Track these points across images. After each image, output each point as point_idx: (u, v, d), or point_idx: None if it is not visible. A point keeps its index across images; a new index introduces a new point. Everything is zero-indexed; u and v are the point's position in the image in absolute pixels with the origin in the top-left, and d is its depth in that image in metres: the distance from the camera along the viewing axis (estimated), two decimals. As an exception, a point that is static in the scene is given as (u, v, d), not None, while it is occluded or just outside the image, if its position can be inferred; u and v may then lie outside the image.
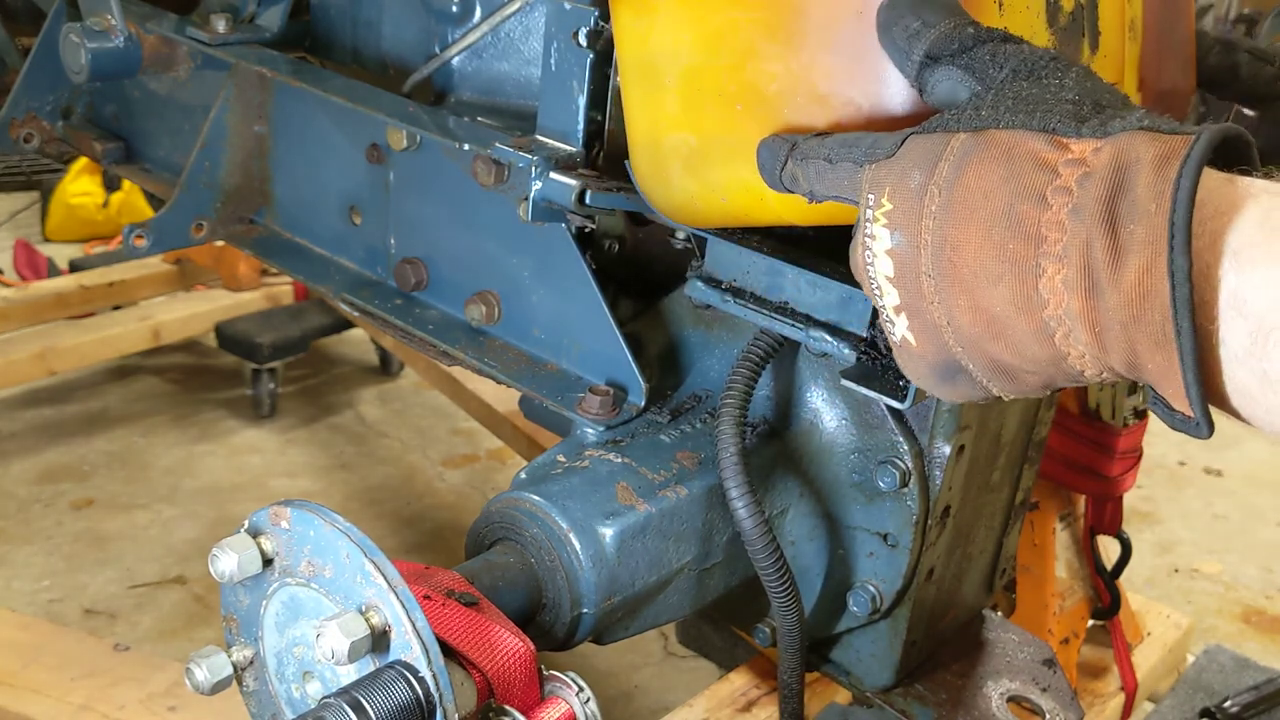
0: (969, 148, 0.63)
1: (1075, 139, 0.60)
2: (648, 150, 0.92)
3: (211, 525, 2.64)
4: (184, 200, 1.32)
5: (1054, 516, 1.57)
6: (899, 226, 0.65)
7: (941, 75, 0.69)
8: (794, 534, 1.06)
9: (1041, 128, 0.61)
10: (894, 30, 0.72)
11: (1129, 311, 0.55)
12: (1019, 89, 0.64)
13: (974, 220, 0.61)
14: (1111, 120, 0.59)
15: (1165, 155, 0.55)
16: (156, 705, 1.47)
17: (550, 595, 0.89)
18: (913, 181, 0.65)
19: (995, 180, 0.61)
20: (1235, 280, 0.53)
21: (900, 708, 1.16)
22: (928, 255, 0.64)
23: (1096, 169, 0.57)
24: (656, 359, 1.09)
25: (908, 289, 0.66)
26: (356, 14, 1.33)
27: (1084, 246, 0.57)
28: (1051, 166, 0.59)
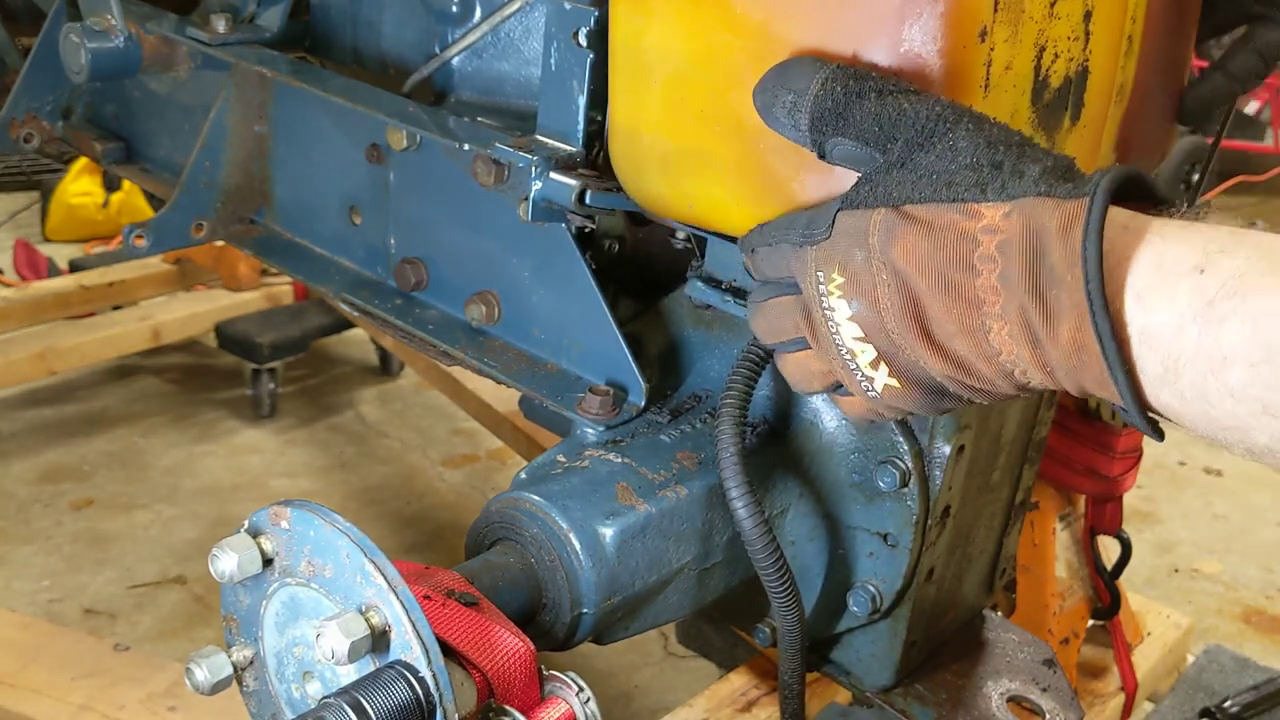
0: (892, 223, 0.68)
1: (984, 204, 0.64)
2: (625, 139, 0.92)
3: (211, 525, 2.64)
4: (184, 200, 1.32)
5: (1054, 516, 1.57)
6: (855, 296, 0.70)
7: (833, 144, 0.72)
8: (794, 534, 1.06)
9: (951, 199, 0.65)
10: (775, 110, 0.75)
11: (1070, 362, 0.62)
12: (918, 162, 0.68)
13: (918, 288, 0.67)
14: (1012, 181, 0.64)
15: (1067, 223, 0.61)
16: (156, 705, 1.47)
17: (550, 595, 0.89)
18: (855, 256, 0.70)
19: (925, 253, 0.66)
20: (1142, 320, 0.60)
21: (900, 708, 1.16)
22: (890, 316, 0.69)
23: (1011, 236, 0.63)
24: (656, 359, 1.10)
25: (878, 342, 0.71)
26: (357, 14, 1.33)
27: (1019, 310, 0.63)
28: (971, 235, 0.64)
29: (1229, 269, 0.58)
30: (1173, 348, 0.59)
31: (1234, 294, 0.57)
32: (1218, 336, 0.57)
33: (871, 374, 0.72)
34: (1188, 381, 0.59)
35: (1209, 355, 0.58)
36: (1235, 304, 0.57)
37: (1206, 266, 0.58)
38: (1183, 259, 0.59)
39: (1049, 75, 0.87)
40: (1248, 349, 0.56)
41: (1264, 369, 0.56)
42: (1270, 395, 0.56)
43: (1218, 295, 0.57)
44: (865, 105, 0.70)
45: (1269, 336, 0.56)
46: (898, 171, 0.69)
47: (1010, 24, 0.81)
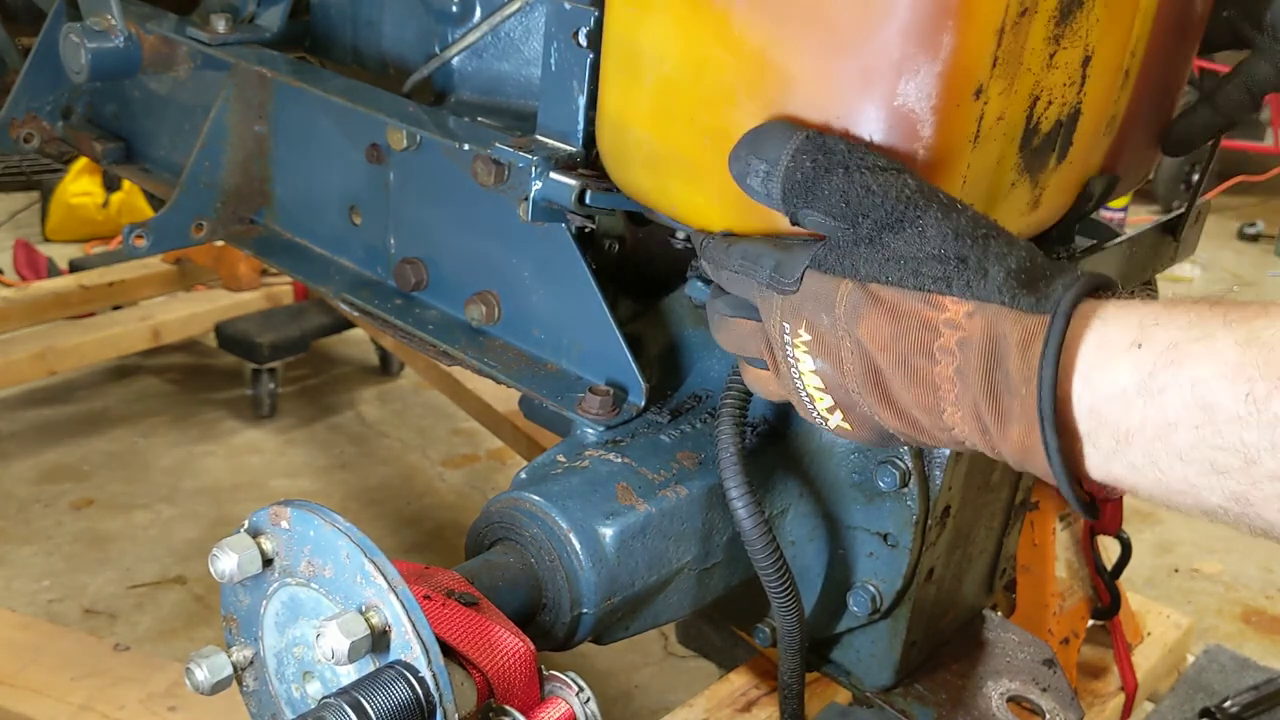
0: (858, 300, 0.71)
1: (948, 297, 0.67)
2: (613, 130, 0.91)
3: (211, 525, 2.64)
4: (184, 200, 1.32)
5: (1054, 516, 1.57)
6: (820, 355, 0.74)
7: (804, 215, 0.74)
8: (794, 534, 1.06)
9: (917, 287, 0.68)
10: (749, 180, 0.76)
11: (1018, 457, 0.66)
12: (886, 243, 0.70)
13: (881, 363, 0.70)
14: (977, 280, 0.67)
15: (1027, 338, 0.64)
16: (156, 705, 1.47)
17: (550, 595, 0.89)
18: (822, 322, 0.73)
19: (888, 335, 0.69)
20: (1090, 398, 0.63)
21: (900, 708, 1.16)
22: (852, 380, 0.72)
23: (972, 337, 0.66)
24: (656, 359, 1.10)
25: (838, 396, 0.75)
26: (356, 14, 1.33)
27: (973, 404, 0.66)
28: (933, 326, 0.68)
29: (1163, 340, 0.61)
30: (1121, 422, 0.62)
31: (1170, 363, 0.60)
32: (1161, 405, 0.60)
33: (827, 415, 0.77)
34: (1138, 451, 0.62)
35: (1155, 423, 0.61)
36: (1173, 373, 0.60)
37: (1143, 341, 0.61)
38: (1120, 338, 0.62)
39: (1040, 122, 0.87)
40: (1190, 413, 0.59)
41: (1207, 430, 0.59)
42: (1216, 454, 0.59)
43: (1156, 366, 0.60)
44: (833, 181, 0.72)
45: (1207, 398, 0.58)
46: (865, 248, 0.71)
47: (1007, 78, 0.80)
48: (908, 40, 0.74)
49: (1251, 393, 0.57)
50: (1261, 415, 0.56)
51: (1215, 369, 0.58)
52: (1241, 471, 0.58)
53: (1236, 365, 0.58)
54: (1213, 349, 0.59)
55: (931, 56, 0.75)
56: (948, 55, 0.75)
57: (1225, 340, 0.58)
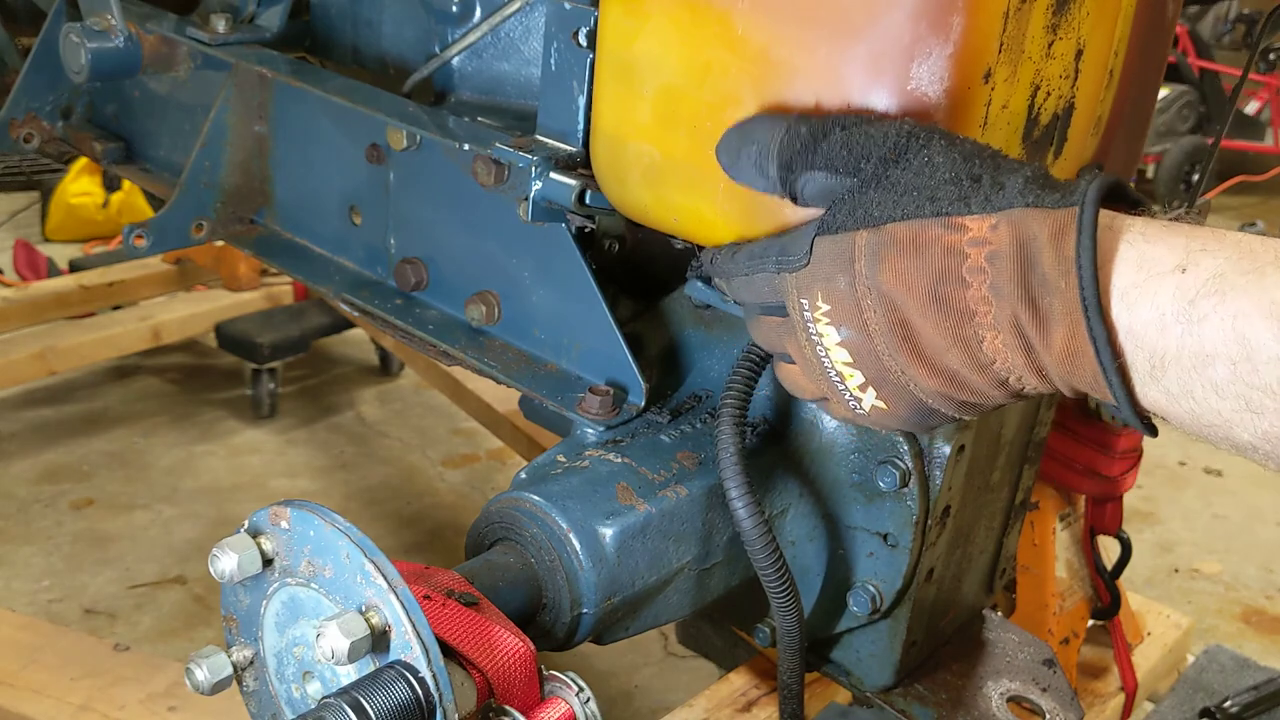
0: (876, 245, 0.68)
1: (969, 217, 0.65)
2: (609, 145, 0.91)
3: (211, 525, 2.64)
4: (184, 200, 1.32)
5: (1054, 516, 1.57)
6: (843, 322, 0.71)
7: (805, 180, 0.73)
8: (794, 534, 1.06)
9: (935, 213, 0.66)
10: (741, 166, 0.76)
11: (1064, 367, 0.63)
12: (895, 178, 0.68)
13: (910, 306, 0.67)
14: (995, 193, 0.65)
15: (1058, 231, 0.62)
16: (156, 705, 1.47)
17: (550, 595, 0.89)
18: (840, 284, 0.70)
19: (913, 271, 0.66)
20: (1128, 318, 0.61)
21: (900, 708, 1.16)
22: (880, 339, 0.69)
23: (1001, 247, 0.63)
24: (656, 359, 1.10)
25: (869, 368, 0.71)
26: (357, 14, 1.33)
27: (1012, 318, 0.64)
28: (958, 249, 0.65)
29: (1209, 268, 0.59)
30: (1158, 346, 0.60)
31: (1214, 293, 0.58)
32: (1200, 335, 0.58)
33: (860, 395, 0.74)
34: (1173, 379, 0.60)
35: (1193, 353, 0.59)
36: (1215, 302, 0.58)
37: (1188, 265, 0.60)
38: (1165, 259, 0.61)
39: (1040, 113, 0.88)
40: (1228, 347, 0.57)
41: (1244, 366, 0.57)
42: (1252, 393, 0.57)
43: (1199, 294, 0.59)
44: (833, 137, 0.71)
45: (1248, 335, 0.57)
46: (875, 190, 0.69)
47: (1011, 64, 0.81)
48: (919, 23, 0.75)
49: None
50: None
51: (1260, 305, 0.56)
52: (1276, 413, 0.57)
53: (1277, 300, 0.56)
54: (1260, 285, 0.57)
55: (943, 38, 0.75)
56: (958, 36, 0.76)
57: (1273, 277, 0.57)
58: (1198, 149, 5.61)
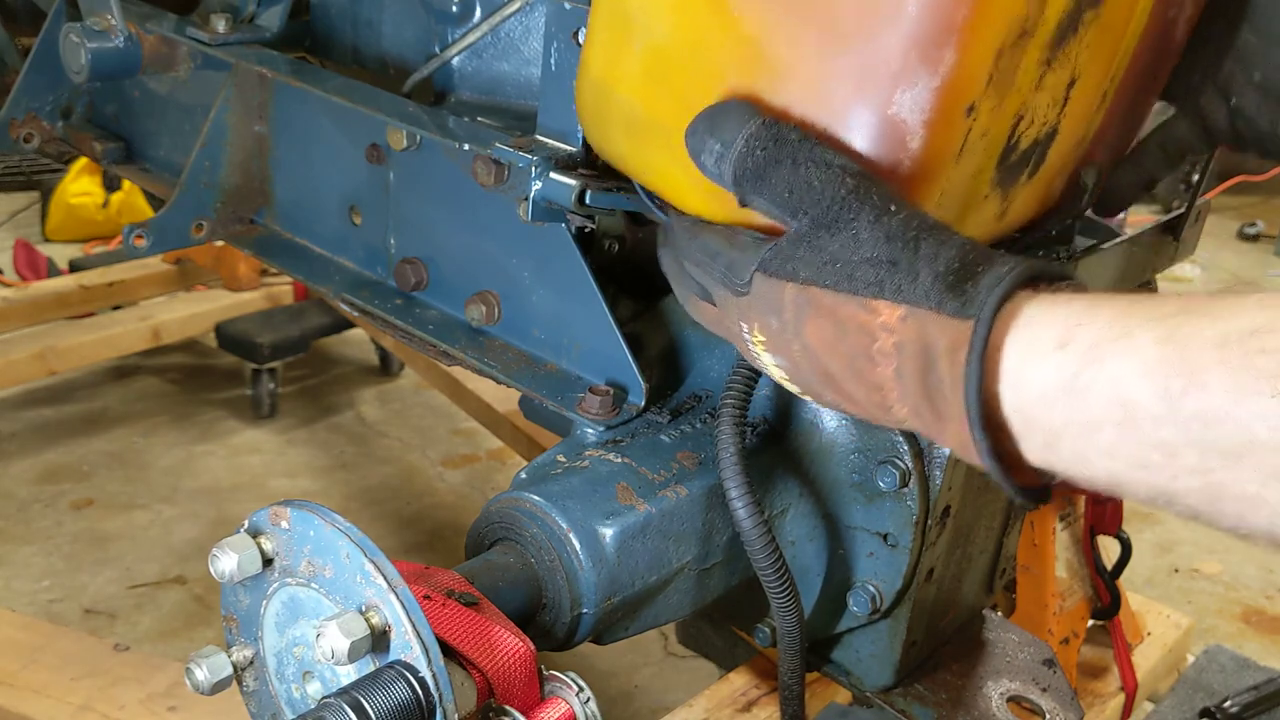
0: (802, 303, 0.72)
1: (881, 301, 0.68)
2: (595, 90, 0.90)
3: (211, 525, 2.64)
4: (184, 200, 1.32)
5: (1054, 516, 1.57)
6: (777, 352, 0.76)
7: (753, 201, 0.76)
8: (794, 534, 1.06)
9: (851, 292, 0.70)
10: (703, 158, 0.78)
11: (961, 453, 0.68)
12: (823, 244, 0.71)
13: (831, 364, 0.72)
14: (907, 283, 0.68)
15: (954, 346, 0.65)
16: (156, 705, 1.47)
17: (550, 595, 0.89)
18: (772, 323, 0.75)
19: (830, 338, 0.71)
20: (1016, 399, 0.64)
21: (900, 708, 1.16)
22: (808, 374, 0.75)
23: (905, 341, 0.67)
24: (656, 359, 1.09)
25: (801, 385, 0.78)
26: (357, 14, 1.33)
27: (913, 406, 0.68)
28: (870, 330, 0.69)
29: (1087, 340, 0.61)
30: (1048, 421, 0.63)
31: (1092, 363, 0.60)
32: (1085, 404, 0.61)
33: (793, 388, 0.79)
34: (1067, 449, 0.63)
35: (1080, 422, 0.61)
36: (1094, 372, 0.60)
37: (1068, 341, 0.62)
38: (1047, 337, 0.63)
39: (1020, 139, 0.87)
40: (1111, 411, 0.59)
41: (1128, 427, 0.59)
42: (1139, 451, 0.59)
43: (1079, 368, 0.61)
44: (780, 172, 0.73)
45: (1128, 396, 0.59)
46: (805, 249, 0.72)
47: (997, 96, 0.80)
48: (909, 52, 0.74)
49: (1168, 389, 0.57)
50: (1178, 412, 0.57)
51: (1134, 367, 0.59)
52: (1163, 468, 0.59)
53: (1155, 362, 0.58)
54: (1132, 347, 0.59)
55: (931, 71, 0.75)
56: (947, 71, 0.75)
57: (1144, 338, 0.59)
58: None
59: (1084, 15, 0.83)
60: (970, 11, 0.73)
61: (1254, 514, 0.56)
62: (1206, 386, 0.56)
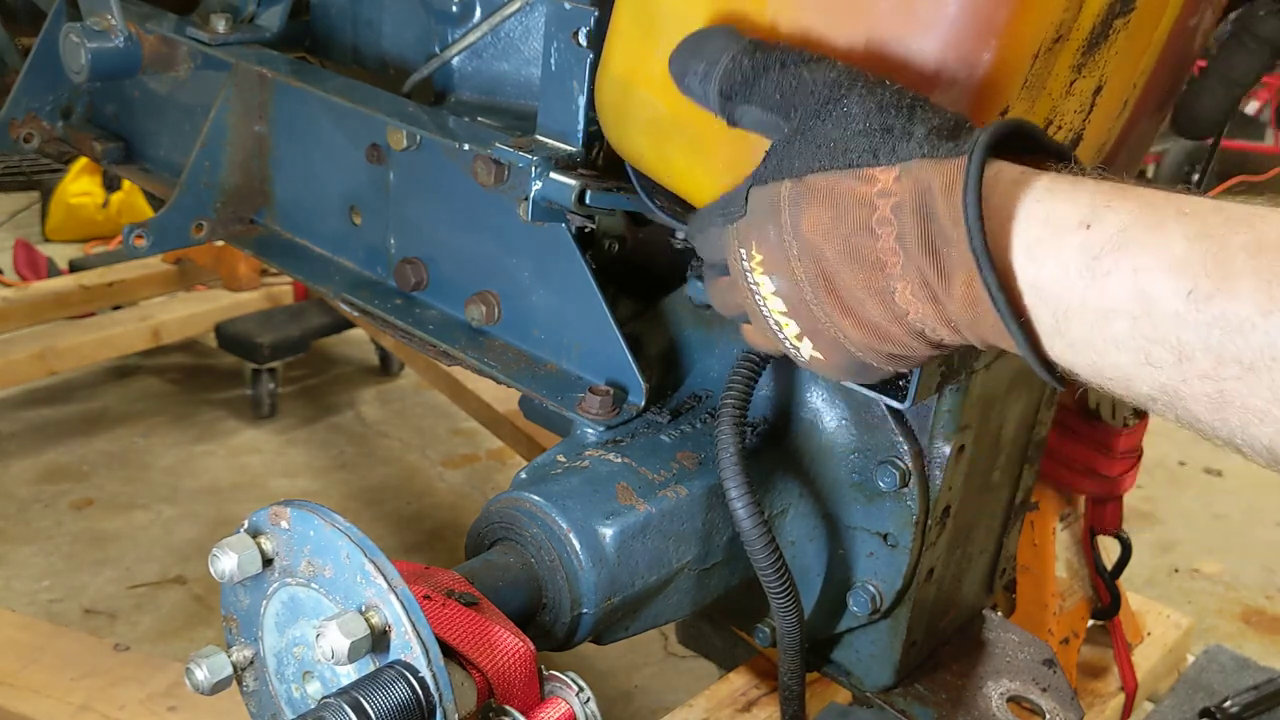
0: (797, 195, 0.70)
1: (877, 168, 0.67)
2: (617, 87, 0.89)
3: (211, 525, 2.64)
4: (184, 200, 1.32)
5: (1054, 516, 1.57)
6: (774, 271, 0.73)
7: (742, 112, 0.75)
8: (794, 534, 1.06)
9: (847, 165, 0.68)
10: (687, 79, 0.77)
11: (968, 315, 0.65)
12: (816, 130, 0.70)
13: (828, 256, 0.69)
14: (902, 143, 0.66)
15: (949, 183, 0.63)
16: (156, 705, 1.47)
17: (550, 595, 0.89)
18: (769, 233, 0.72)
19: (828, 222, 0.68)
20: (1034, 273, 0.62)
21: (900, 708, 1.16)
22: (806, 288, 0.71)
23: (904, 199, 0.65)
24: (656, 359, 1.10)
25: (802, 318, 0.73)
26: (357, 14, 1.33)
27: (918, 269, 0.65)
28: (868, 201, 0.67)
29: (1114, 224, 0.60)
30: (1062, 300, 0.61)
31: (1117, 249, 0.59)
32: (1102, 290, 0.59)
33: (798, 345, 0.75)
34: (1077, 333, 0.61)
35: (1095, 308, 0.60)
36: (1118, 258, 0.59)
37: (1093, 222, 0.60)
38: (1070, 215, 0.61)
39: None
40: (1129, 302, 0.58)
41: (1144, 322, 0.58)
42: (1150, 347, 0.58)
43: (1103, 250, 0.59)
44: (770, 76, 0.73)
45: (1149, 290, 0.58)
46: (798, 142, 0.71)
47: (1029, 100, 0.80)
48: (948, 52, 0.74)
49: (1195, 290, 0.56)
50: (1200, 314, 0.56)
51: (1161, 260, 0.57)
52: (1174, 367, 0.58)
53: (1183, 259, 0.57)
54: (1162, 239, 0.58)
55: (968, 72, 0.75)
56: (984, 73, 0.75)
57: (1176, 232, 0.58)
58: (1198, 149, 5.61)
59: (1115, 23, 0.83)
60: (1011, 14, 0.74)
61: (1258, 428, 0.56)
62: (1235, 293, 0.55)
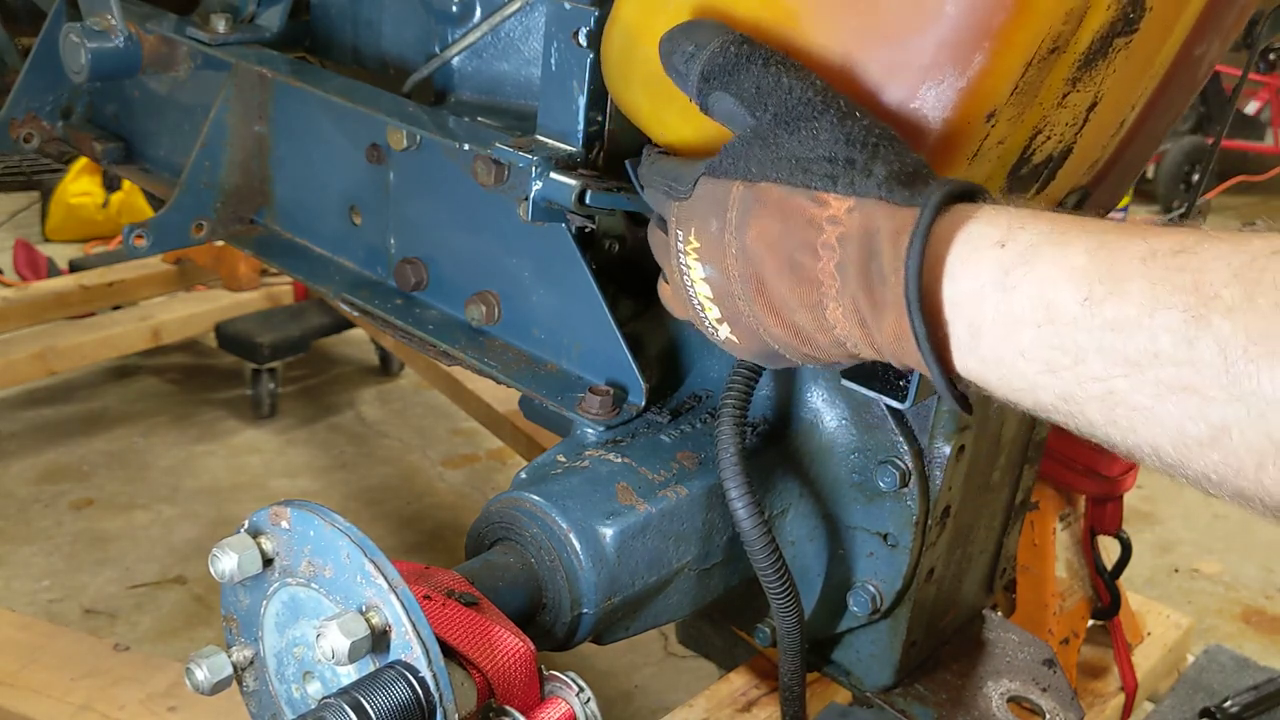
0: (748, 201, 0.73)
1: (832, 194, 0.69)
2: (623, 38, 0.90)
3: (211, 525, 2.64)
4: (184, 200, 1.32)
5: (1054, 516, 1.57)
6: (708, 261, 0.76)
7: (716, 98, 0.77)
8: (794, 534, 1.06)
9: (805, 184, 0.70)
10: (674, 58, 0.79)
11: (893, 347, 0.69)
12: (781, 142, 0.72)
13: (766, 264, 0.72)
14: (861, 179, 0.69)
15: (898, 230, 0.66)
16: (156, 705, 1.47)
17: (550, 595, 0.89)
18: (711, 226, 0.75)
19: (775, 233, 0.71)
20: (953, 290, 0.66)
21: (900, 708, 1.16)
22: (737, 285, 0.75)
23: (851, 232, 0.68)
24: (656, 359, 1.09)
25: (725, 307, 0.77)
26: (357, 14, 1.33)
27: (852, 298, 0.69)
28: (817, 223, 0.70)
29: (1024, 241, 0.63)
30: (976, 315, 0.65)
31: (1025, 263, 0.63)
32: (1010, 301, 0.63)
33: (718, 326, 0.79)
34: (988, 345, 0.65)
35: (1004, 319, 0.63)
36: (1025, 271, 0.63)
37: (1007, 241, 0.64)
38: (989, 235, 0.65)
39: (1034, 153, 0.88)
40: (1034, 311, 0.62)
41: (1047, 329, 0.61)
42: (1052, 354, 0.61)
43: (1012, 265, 0.63)
44: (751, 69, 0.74)
45: (1051, 299, 0.61)
46: (760, 147, 0.73)
47: (1019, 106, 0.80)
48: (940, 49, 0.75)
49: (1090, 295, 0.59)
50: (1094, 318, 0.59)
51: (1063, 270, 0.61)
52: (1070, 371, 0.61)
53: (1083, 269, 0.60)
54: (1065, 252, 0.61)
55: (960, 71, 0.75)
56: (975, 74, 0.76)
57: (1078, 245, 0.61)
58: (1197, 149, 5.62)
59: (1115, 41, 0.83)
60: (1006, 18, 0.74)
61: (1144, 427, 0.59)
62: (1126, 295, 0.58)
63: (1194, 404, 0.56)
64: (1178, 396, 0.56)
